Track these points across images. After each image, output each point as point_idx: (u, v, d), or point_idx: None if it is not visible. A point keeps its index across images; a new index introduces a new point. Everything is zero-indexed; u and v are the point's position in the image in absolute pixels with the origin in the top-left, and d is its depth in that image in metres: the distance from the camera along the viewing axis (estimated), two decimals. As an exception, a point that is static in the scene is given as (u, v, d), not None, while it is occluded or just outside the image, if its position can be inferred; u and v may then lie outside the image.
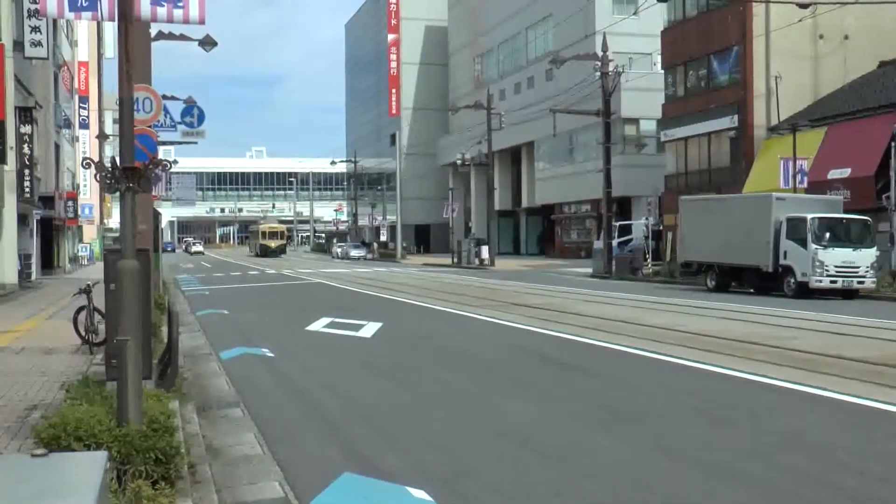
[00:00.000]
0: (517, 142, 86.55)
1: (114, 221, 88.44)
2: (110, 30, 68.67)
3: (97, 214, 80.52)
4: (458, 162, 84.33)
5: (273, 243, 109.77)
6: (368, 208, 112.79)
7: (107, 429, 7.91)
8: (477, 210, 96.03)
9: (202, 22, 9.56)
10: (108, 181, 8.68)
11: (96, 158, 9.56)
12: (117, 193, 8.77)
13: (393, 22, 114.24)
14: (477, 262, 67.37)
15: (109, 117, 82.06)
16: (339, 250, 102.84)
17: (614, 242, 52.23)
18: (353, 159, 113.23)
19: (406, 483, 8.64)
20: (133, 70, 8.87)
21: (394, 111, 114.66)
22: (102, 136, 52.18)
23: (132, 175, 8.60)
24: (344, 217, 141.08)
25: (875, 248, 32.98)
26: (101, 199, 79.40)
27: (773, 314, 25.57)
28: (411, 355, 18.27)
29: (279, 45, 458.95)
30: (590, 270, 51.84)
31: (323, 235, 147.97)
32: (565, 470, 9.17)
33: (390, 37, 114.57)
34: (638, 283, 43.35)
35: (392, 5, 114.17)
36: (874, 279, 32.64)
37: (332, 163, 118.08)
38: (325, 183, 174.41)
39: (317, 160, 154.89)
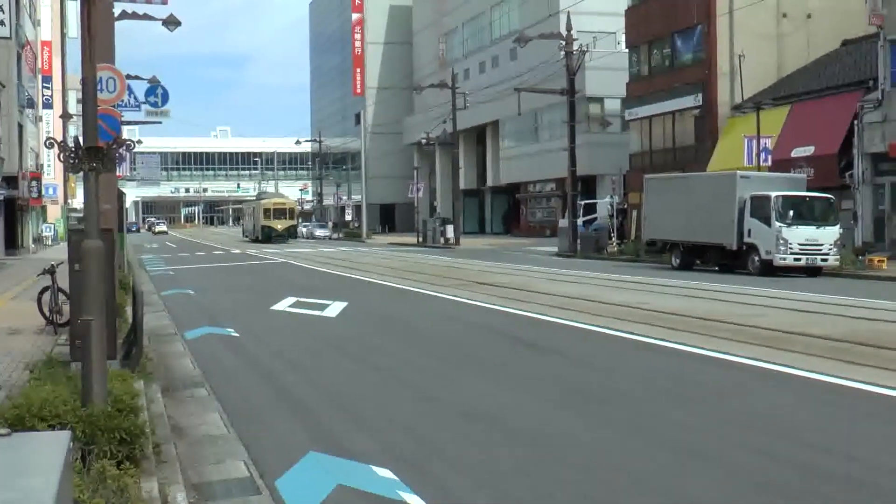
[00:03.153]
0: (482, 121, 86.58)
1: (78, 201, 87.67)
2: (73, 9, 68.10)
3: (61, 194, 79.96)
4: (423, 141, 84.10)
5: (280, 224, 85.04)
6: (333, 188, 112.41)
7: (71, 409, 7.88)
8: (442, 189, 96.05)
9: (165, 1, 9.52)
10: (72, 161, 8.62)
11: (60, 138, 9.50)
12: (81, 173, 8.72)
13: (357, 1, 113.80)
14: (442, 241, 67.33)
15: (73, 97, 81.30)
16: (304, 230, 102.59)
17: (579, 221, 52.37)
18: (317, 139, 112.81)
19: (372, 463, 8.65)
20: (96, 50, 8.81)
21: (358, 90, 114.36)
22: (66, 116, 51.76)
23: (95, 155, 8.54)
24: (309, 196, 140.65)
25: (838, 225, 33.18)
26: (65, 179, 78.78)
27: (738, 292, 25.71)
28: (376, 335, 18.24)
29: (246, 25, 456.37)
30: (555, 249, 51.93)
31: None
32: (532, 450, 9.18)
33: (354, 16, 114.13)
34: (603, 262, 43.45)
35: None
36: (837, 257, 32.83)
37: (297, 142, 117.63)
38: (290, 162, 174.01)
39: (282, 140, 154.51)
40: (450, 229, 67.90)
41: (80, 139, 8.79)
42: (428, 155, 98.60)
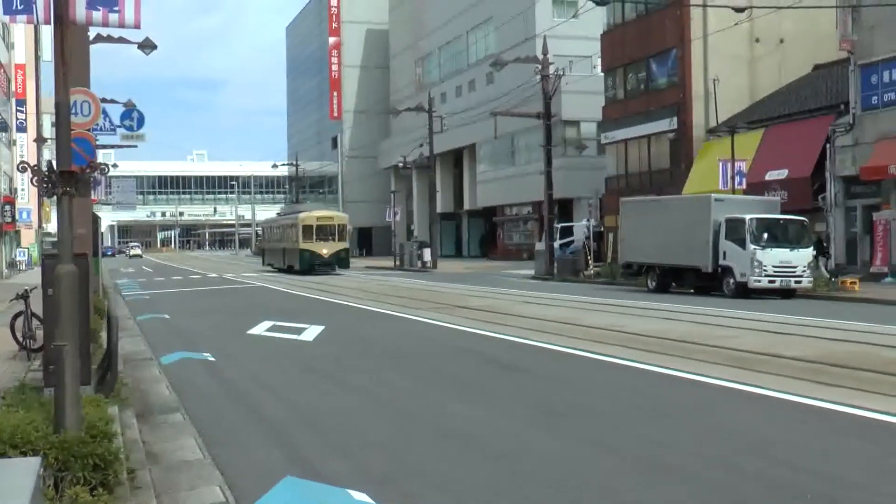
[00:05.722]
0: (459, 144, 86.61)
1: (52, 226, 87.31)
2: (48, 32, 67.92)
3: (35, 219, 79.58)
4: (400, 165, 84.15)
5: (325, 248, 61.31)
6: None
7: (44, 435, 7.84)
8: (419, 213, 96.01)
9: (138, 26, 9.51)
10: (45, 185, 8.61)
11: (34, 162, 9.52)
12: (55, 198, 8.71)
13: (334, 25, 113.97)
14: (419, 264, 67.23)
15: (48, 120, 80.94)
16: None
17: (556, 244, 52.45)
18: (294, 162, 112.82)
19: (348, 485, 8.65)
20: (70, 73, 8.81)
21: (335, 114, 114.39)
22: (40, 140, 51.69)
23: (69, 179, 8.54)
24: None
25: (812, 248, 33.39)
26: (40, 204, 78.33)
27: (713, 314, 25.80)
28: (354, 358, 18.24)
29: (222, 48, 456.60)
30: (532, 272, 51.96)
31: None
32: (508, 469, 9.22)
33: (331, 40, 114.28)
34: (580, 285, 43.49)
35: (333, 8, 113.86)
36: (811, 279, 33.03)
37: (274, 166, 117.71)
38: (266, 186, 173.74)
39: (258, 163, 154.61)
40: (427, 253, 67.80)
41: (54, 163, 8.78)
42: (405, 178, 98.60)
